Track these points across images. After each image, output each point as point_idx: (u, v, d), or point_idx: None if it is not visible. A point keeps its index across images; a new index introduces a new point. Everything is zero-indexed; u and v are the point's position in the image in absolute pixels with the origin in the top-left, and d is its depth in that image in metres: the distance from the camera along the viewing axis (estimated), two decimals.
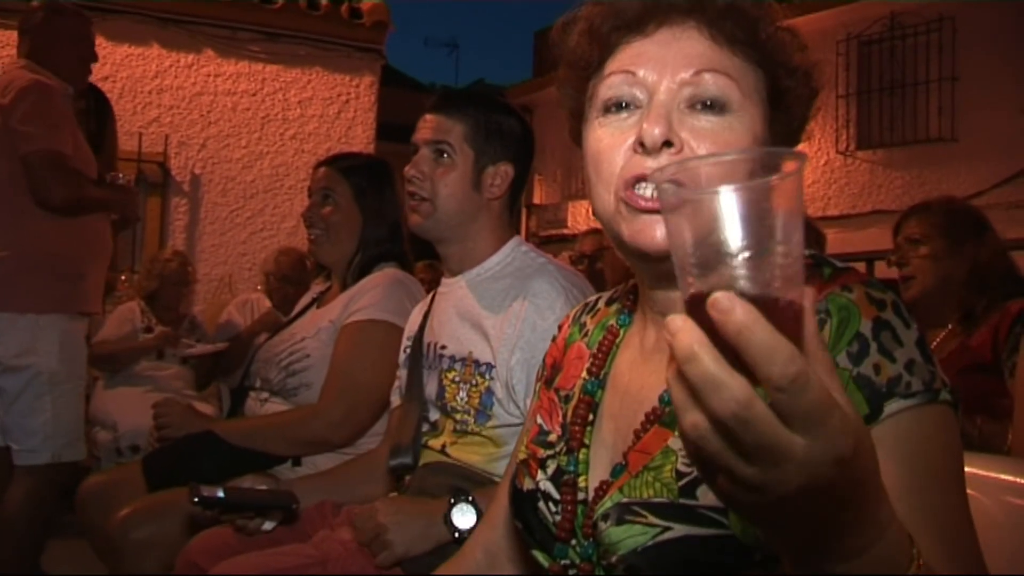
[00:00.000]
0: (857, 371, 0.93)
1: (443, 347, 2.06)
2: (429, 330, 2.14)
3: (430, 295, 2.28)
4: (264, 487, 2.19)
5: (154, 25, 6.85)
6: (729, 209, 0.64)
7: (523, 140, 2.18)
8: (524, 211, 15.29)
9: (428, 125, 2.11)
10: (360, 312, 2.52)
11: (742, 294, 0.63)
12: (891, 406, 0.93)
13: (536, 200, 15.30)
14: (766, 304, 0.63)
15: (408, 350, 2.22)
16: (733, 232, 0.64)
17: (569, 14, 1.22)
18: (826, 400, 0.62)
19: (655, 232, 1.04)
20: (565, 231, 14.21)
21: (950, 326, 2.86)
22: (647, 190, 1.05)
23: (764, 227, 0.65)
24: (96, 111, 4.10)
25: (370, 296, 2.53)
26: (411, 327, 2.26)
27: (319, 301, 2.86)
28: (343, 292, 2.67)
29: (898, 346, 0.95)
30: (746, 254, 0.64)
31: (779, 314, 0.63)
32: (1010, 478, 1.39)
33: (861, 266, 4.25)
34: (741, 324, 0.60)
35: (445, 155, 2.08)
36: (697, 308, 0.64)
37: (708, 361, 0.62)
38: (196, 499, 1.99)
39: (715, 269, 0.65)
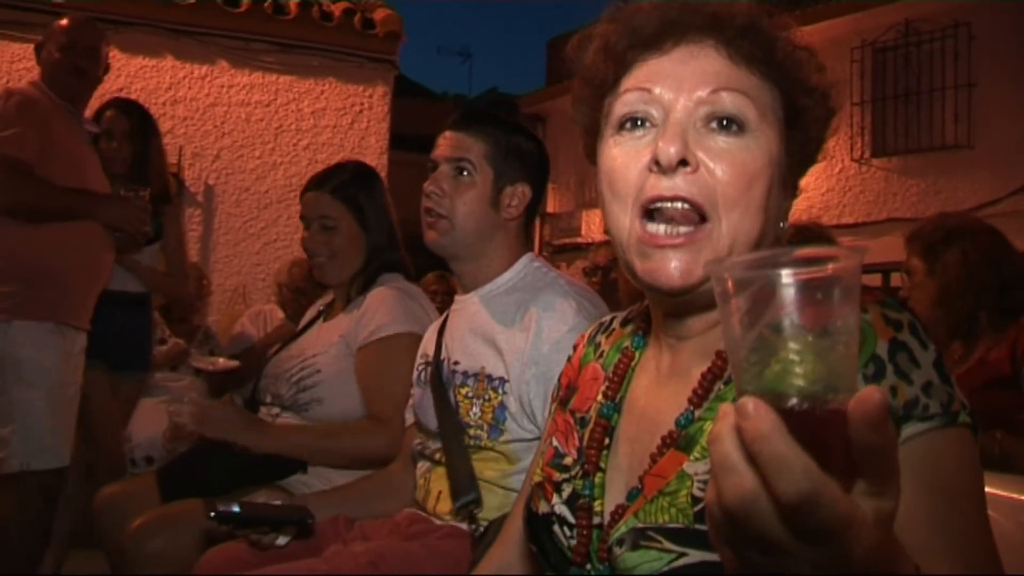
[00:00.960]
0: None
1: (456, 363, 2.05)
2: (444, 348, 2.13)
3: (443, 315, 2.27)
4: (279, 502, 2.19)
5: (167, 37, 6.87)
6: (788, 296, 0.63)
7: (540, 162, 2.18)
8: (538, 220, 15.25)
9: (448, 142, 2.10)
10: (377, 332, 2.51)
11: (782, 395, 0.62)
12: (908, 429, 0.91)
13: (550, 209, 15.30)
14: (804, 410, 0.62)
15: (421, 369, 2.20)
16: (788, 322, 0.63)
17: (585, 31, 1.21)
18: (839, 519, 0.60)
19: (669, 269, 1.03)
20: (579, 240, 14.19)
21: (956, 357, 2.77)
22: (660, 227, 1.04)
23: (821, 320, 0.63)
24: (141, 129, 4.09)
25: (380, 315, 2.53)
26: (426, 347, 2.25)
27: (325, 314, 2.84)
28: (347, 305, 2.66)
29: (915, 368, 0.94)
30: (798, 348, 0.63)
31: (817, 422, 0.62)
32: None
33: (877, 278, 4.21)
34: (756, 433, 0.60)
35: (465, 172, 2.07)
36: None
37: (728, 445, 0.62)
38: (212, 514, 2.00)
39: (765, 360, 0.64)
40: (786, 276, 0.63)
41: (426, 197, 2.09)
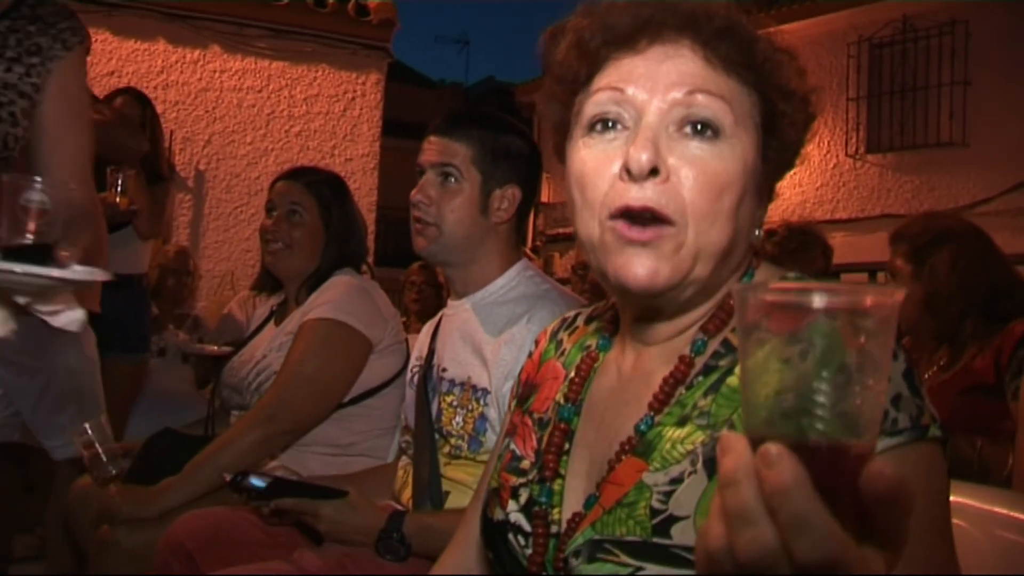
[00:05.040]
0: None
1: (444, 369, 2.03)
2: (435, 353, 2.11)
3: (437, 317, 2.24)
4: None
5: (160, 20, 6.83)
6: (818, 329, 0.59)
7: (531, 161, 2.13)
8: (532, 209, 15.25)
9: (433, 148, 2.06)
10: (317, 310, 2.48)
11: (802, 435, 0.58)
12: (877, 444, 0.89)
13: (544, 198, 15.26)
14: (829, 455, 0.58)
15: (416, 371, 2.18)
16: (815, 357, 0.59)
17: (557, 25, 1.17)
18: None
19: (636, 268, 1.00)
20: (572, 230, 14.19)
21: (942, 362, 2.72)
22: (626, 223, 1.00)
23: (851, 358, 0.59)
24: (151, 123, 4.17)
25: (328, 295, 2.51)
26: (420, 349, 2.22)
27: (277, 316, 2.79)
28: (299, 307, 2.63)
29: None
30: (824, 387, 0.58)
31: (840, 469, 0.58)
32: (1003, 511, 1.35)
33: (863, 277, 4.15)
34: (779, 487, 0.56)
35: (451, 179, 2.03)
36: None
37: (747, 493, 0.58)
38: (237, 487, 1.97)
39: (786, 396, 0.59)
40: (818, 303, 0.59)
41: (414, 207, 2.05)
